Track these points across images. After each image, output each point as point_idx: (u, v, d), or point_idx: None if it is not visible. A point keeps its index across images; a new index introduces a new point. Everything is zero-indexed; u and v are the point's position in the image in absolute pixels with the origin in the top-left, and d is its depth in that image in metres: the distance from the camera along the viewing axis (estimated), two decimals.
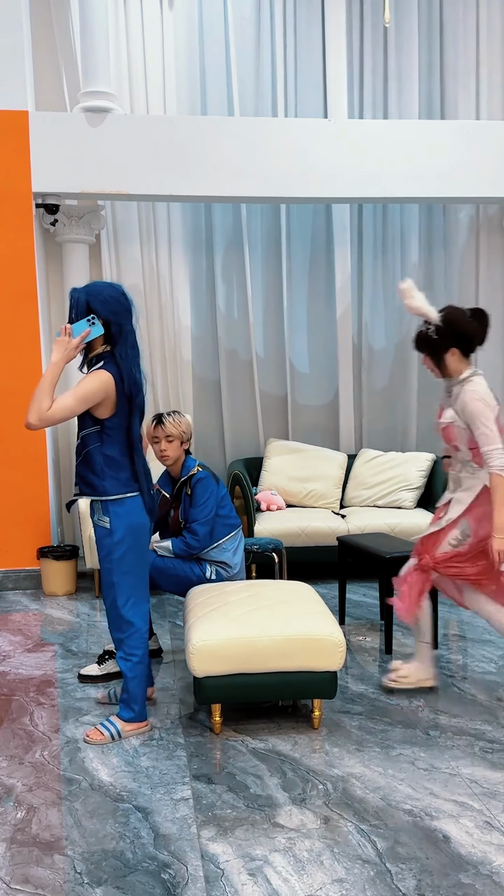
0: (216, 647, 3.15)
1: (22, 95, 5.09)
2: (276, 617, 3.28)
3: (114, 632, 3.23)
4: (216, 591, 3.60)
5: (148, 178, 5.22)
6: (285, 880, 2.32)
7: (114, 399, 3.01)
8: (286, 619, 3.25)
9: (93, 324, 2.98)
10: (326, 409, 6.22)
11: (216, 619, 3.27)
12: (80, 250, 5.59)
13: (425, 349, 3.44)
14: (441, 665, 3.95)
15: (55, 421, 2.89)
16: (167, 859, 2.43)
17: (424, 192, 5.45)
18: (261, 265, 6.02)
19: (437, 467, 5.65)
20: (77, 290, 3.04)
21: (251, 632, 3.18)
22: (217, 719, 3.25)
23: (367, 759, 3.03)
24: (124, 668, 3.21)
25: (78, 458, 3.11)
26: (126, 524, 3.09)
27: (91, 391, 2.93)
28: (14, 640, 4.38)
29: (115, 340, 3.04)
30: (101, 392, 2.95)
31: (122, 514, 3.08)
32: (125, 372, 3.02)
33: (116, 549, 3.10)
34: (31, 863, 2.42)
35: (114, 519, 3.08)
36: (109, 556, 3.12)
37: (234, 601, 3.45)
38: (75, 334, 2.98)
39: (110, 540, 3.10)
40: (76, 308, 3.01)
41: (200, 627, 3.22)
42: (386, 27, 5.76)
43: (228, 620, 3.26)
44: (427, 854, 2.44)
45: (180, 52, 5.70)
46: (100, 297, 3.00)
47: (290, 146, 5.32)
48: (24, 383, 5.20)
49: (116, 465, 3.07)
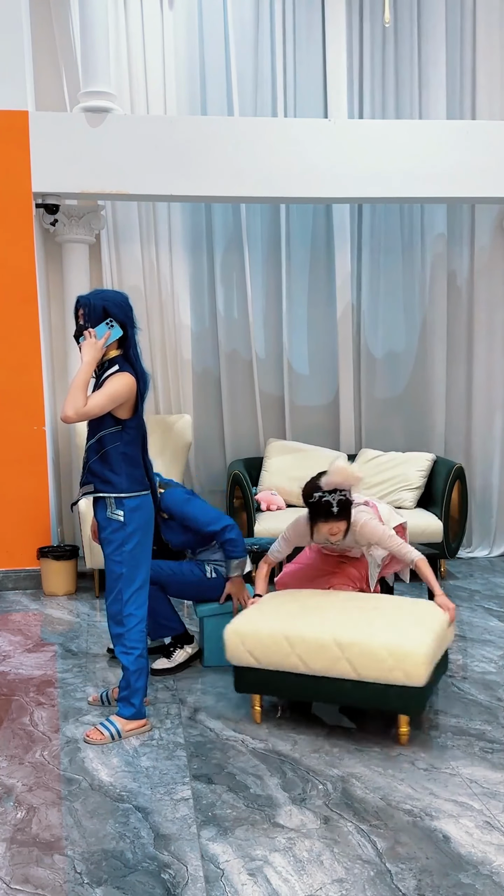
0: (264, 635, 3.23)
1: (22, 95, 5.09)
2: (353, 621, 3.23)
3: (114, 627, 3.25)
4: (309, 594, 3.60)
5: (148, 178, 5.22)
6: (285, 880, 2.32)
7: (135, 400, 3.18)
8: (367, 624, 3.20)
9: (112, 326, 3.14)
10: (326, 409, 6.22)
11: (281, 612, 3.35)
12: (80, 250, 5.59)
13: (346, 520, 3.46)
14: None
15: (90, 416, 3.08)
16: (167, 859, 2.43)
17: (424, 192, 5.45)
18: (261, 265, 6.02)
19: (437, 467, 5.65)
20: (87, 296, 3.19)
21: (314, 629, 3.19)
22: (257, 709, 3.35)
23: (367, 759, 3.03)
24: (126, 661, 3.23)
25: (94, 457, 3.20)
26: (139, 518, 3.22)
27: (120, 391, 3.09)
28: (14, 640, 4.38)
29: (129, 343, 3.21)
30: (128, 393, 3.12)
31: (135, 509, 3.20)
32: (140, 372, 3.20)
33: (129, 542, 3.19)
34: (31, 863, 2.42)
35: (128, 513, 3.19)
36: (121, 549, 3.19)
37: (317, 602, 3.46)
38: (98, 336, 3.14)
39: (123, 532, 3.19)
40: (92, 313, 3.15)
41: (264, 615, 3.34)
42: (386, 27, 5.76)
43: (296, 615, 3.31)
44: (427, 854, 2.44)
45: (180, 52, 5.70)
46: (114, 302, 3.17)
47: (290, 146, 5.32)
48: (24, 383, 5.20)
49: (134, 464, 3.22)
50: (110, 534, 3.21)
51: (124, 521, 3.19)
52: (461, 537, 5.56)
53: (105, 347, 3.15)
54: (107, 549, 3.24)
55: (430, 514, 5.44)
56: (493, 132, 5.46)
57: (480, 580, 5.48)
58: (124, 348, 3.21)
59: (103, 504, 3.21)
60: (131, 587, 3.22)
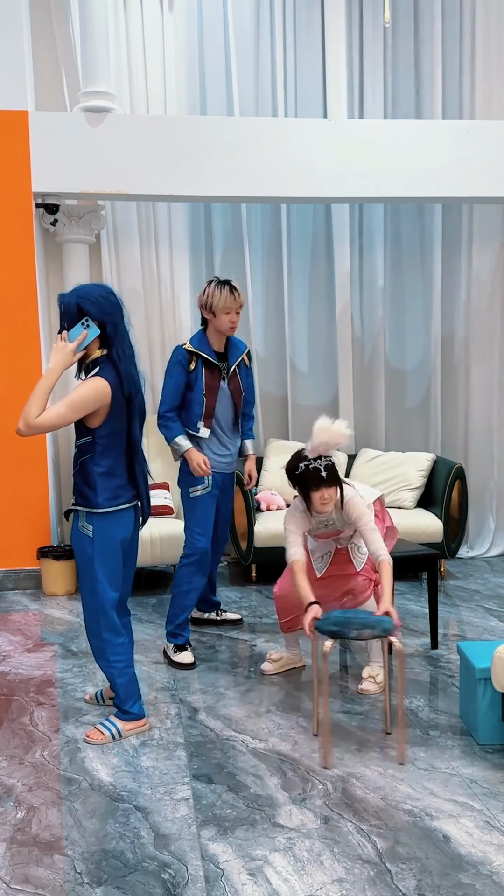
0: None
1: (22, 95, 5.09)
2: None
3: (93, 640, 3.19)
4: None
5: (148, 178, 5.22)
6: (285, 880, 2.32)
7: (108, 408, 2.95)
8: None
9: (87, 326, 2.92)
10: (326, 409, 6.20)
11: None
12: (80, 250, 5.59)
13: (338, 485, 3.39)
14: (441, 665, 3.95)
15: (45, 429, 2.83)
16: (167, 859, 2.43)
17: (424, 192, 5.45)
18: (261, 265, 6.02)
19: (436, 467, 5.65)
20: (64, 295, 2.98)
21: None
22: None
23: (367, 759, 3.03)
24: (111, 675, 3.18)
25: (74, 469, 3.07)
26: (111, 534, 3.06)
27: (85, 399, 2.87)
28: (14, 640, 4.38)
29: (112, 341, 2.99)
30: (95, 400, 2.90)
31: (105, 527, 3.04)
32: (124, 373, 2.98)
33: (98, 558, 3.07)
34: (31, 863, 2.42)
35: (97, 528, 3.04)
36: (90, 565, 3.08)
37: None
38: (71, 339, 2.92)
39: (91, 549, 3.06)
40: (67, 314, 2.95)
41: None
42: (386, 27, 5.76)
43: None
44: (427, 854, 2.45)
45: (180, 52, 5.69)
46: (90, 299, 2.94)
47: (290, 146, 5.32)
48: (24, 383, 5.20)
49: (110, 476, 3.02)
50: (81, 548, 3.08)
51: (93, 536, 3.04)
52: (461, 537, 5.56)
53: (80, 351, 2.92)
54: (77, 561, 3.12)
55: (430, 514, 5.44)
56: (493, 132, 5.46)
57: (480, 580, 5.48)
58: (108, 347, 2.98)
59: (77, 516, 3.09)
60: (98, 601, 3.09)
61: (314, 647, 3.34)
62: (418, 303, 6.13)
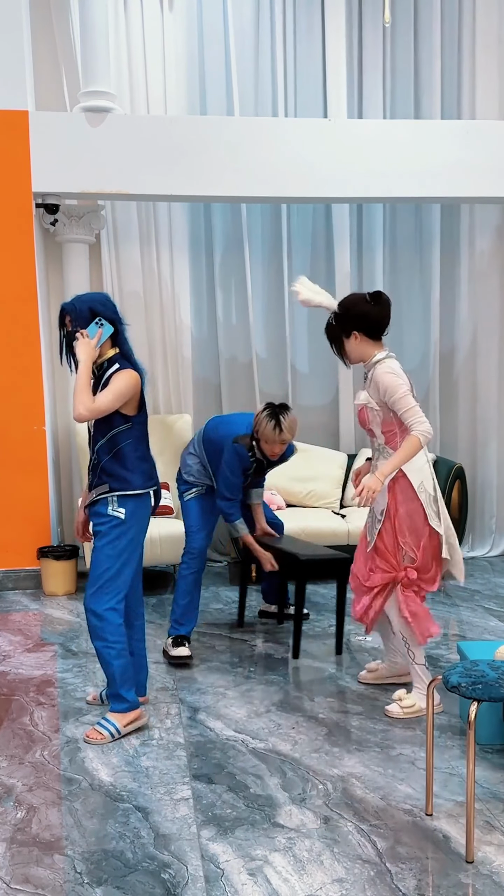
0: None
1: (22, 95, 5.09)
2: None
3: (93, 619, 3.21)
4: None
5: (148, 178, 5.22)
6: (285, 880, 2.32)
7: (139, 396, 3.23)
8: None
9: (101, 325, 3.17)
10: (326, 409, 6.22)
11: None
12: (80, 250, 5.59)
13: (328, 337, 3.49)
14: (441, 665, 3.95)
15: (101, 413, 3.12)
16: (167, 859, 2.43)
17: (424, 192, 5.45)
18: (261, 265, 6.02)
19: (437, 467, 5.64)
20: (71, 302, 3.23)
21: None
22: None
23: (367, 759, 3.03)
24: (108, 656, 3.19)
25: (106, 457, 3.21)
26: (139, 516, 3.25)
27: (125, 389, 3.13)
28: (14, 640, 4.38)
29: (121, 340, 3.25)
30: (133, 389, 3.16)
31: (137, 507, 3.23)
32: (139, 368, 3.24)
33: (124, 538, 3.20)
34: (31, 863, 2.42)
35: (130, 511, 3.21)
36: (115, 544, 3.19)
37: None
38: (91, 336, 3.17)
39: (121, 528, 3.20)
40: (80, 317, 3.18)
41: None
42: (386, 27, 5.76)
43: None
44: (427, 854, 2.44)
45: (180, 52, 5.70)
46: (98, 302, 3.21)
47: (290, 146, 5.32)
48: (24, 383, 5.20)
49: (144, 459, 3.27)
50: (108, 528, 3.20)
51: (125, 518, 3.20)
52: (461, 537, 5.55)
53: (99, 346, 3.18)
54: (99, 541, 3.22)
55: None
56: (493, 132, 5.47)
57: (480, 580, 5.48)
58: (119, 346, 3.24)
59: (105, 500, 3.21)
60: (116, 582, 3.20)
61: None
62: (417, 303, 6.14)
